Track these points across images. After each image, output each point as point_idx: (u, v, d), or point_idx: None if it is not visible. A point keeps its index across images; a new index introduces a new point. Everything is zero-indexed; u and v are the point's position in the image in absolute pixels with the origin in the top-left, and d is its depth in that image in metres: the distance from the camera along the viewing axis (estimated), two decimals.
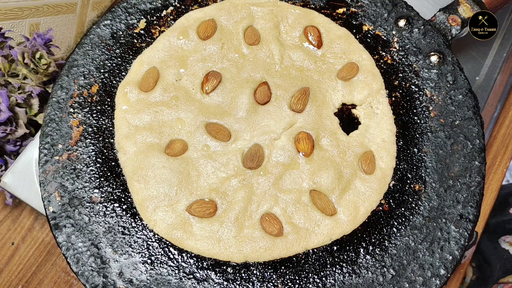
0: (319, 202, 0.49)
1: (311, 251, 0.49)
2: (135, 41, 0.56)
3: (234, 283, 0.47)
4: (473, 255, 0.66)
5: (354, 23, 0.58)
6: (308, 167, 0.51)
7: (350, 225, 0.49)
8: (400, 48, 0.57)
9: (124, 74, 0.54)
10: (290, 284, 0.47)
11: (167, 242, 0.48)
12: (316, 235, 0.49)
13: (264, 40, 0.56)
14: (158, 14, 0.57)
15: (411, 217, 0.50)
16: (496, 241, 0.75)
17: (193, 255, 0.48)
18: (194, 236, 0.48)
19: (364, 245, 0.49)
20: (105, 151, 0.51)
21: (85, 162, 0.50)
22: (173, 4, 0.58)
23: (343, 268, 0.48)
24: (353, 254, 0.49)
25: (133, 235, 0.48)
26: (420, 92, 0.55)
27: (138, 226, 0.49)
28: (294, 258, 0.49)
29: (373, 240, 0.49)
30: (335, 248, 0.49)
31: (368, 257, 0.49)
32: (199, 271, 0.47)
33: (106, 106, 0.53)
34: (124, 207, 0.49)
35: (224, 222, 0.48)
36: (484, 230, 0.67)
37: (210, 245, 0.48)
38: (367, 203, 0.50)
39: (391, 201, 0.51)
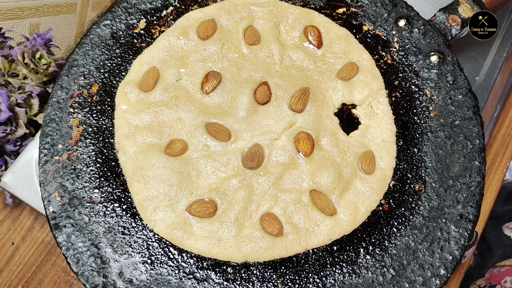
0: (319, 202, 0.49)
1: (311, 251, 0.49)
2: (135, 41, 0.56)
3: (234, 283, 0.47)
4: (478, 243, 0.66)
5: (354, 23, 0.58)
6: (308, 167, 0.51)
7: (350, 225, 0.49)
8: (400, 48, 0.57)
9: (124, 74, 0.54)
10: (290, 284, 0.47)
11: (167, 242, 0.48)
12: (316, 235, 0.49)
13: (264, 40, 0.56)
14: (158, 14, 0.57)
15: (411, 217, 0.50)
16: (500, 228, 0.76)
17: (193, 255, 0.48)
18: (194, 236, 0.48)
19: (364, 245, 0.49)
20: (105, 151, 0.51)
21: (85, 162, 0.50)
22: (173, 4, 0.58)
23: (343, 268, 0.48)
24: (353, 254, 0.49)
25: (133, 235, 0.48)
26: (420, 92, 0.55)
27: (138, 226, 0.49)
28: (294, 258, 0.49)
29: (373, 240, 0.49)
30: (335, 248, 0.49)
31: (368, 257, 0.49)
32: (199, 271, 0.47)
33: (106, 106, 0.53)
34: (124, 207, 0.49)
35: (224, 222, 0.48)
36: (490, 217, 0.67)
37: (210, 245, 0.48)
38: (367, 203, 0.50)
39: (391, 201, 0.51)
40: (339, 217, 0.49)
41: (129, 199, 0.50)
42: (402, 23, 0.57)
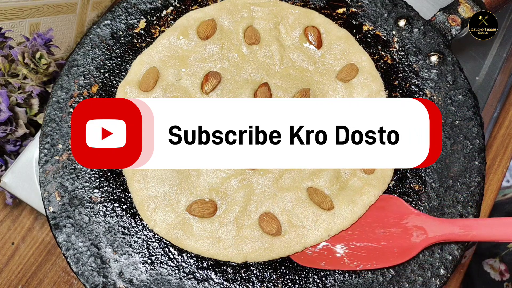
0: (315, 197, 0.49)
1: None
2: (135, 41, 0.56)
3: (234, 283, 0.47)
4: (462, 278, 0.66)
5: (354, 23, 0.58)
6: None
7: (347, 219, 0.49)
8: (400, 48, 0.57)
9: (124, 74, 0.54)
10: (290, 284, 0.47)
11: (167, 242, 0.48)
12: (313, 232, 0.49)
13: (264, 40, 0.56)
14: (158, 14, 0.57)
15: None
16: (481, 264, 0.76)
17: (193, 255, 0.48)
18: (194, 236, 0.48)
19: None
20: None
21: None
22: (173, 4, 0.58)
23: None
24: None
25: (133, 235, 0.48)
26: (420, 92, 0.55)
27: (138, 226, 0.49)
28: None
29: None
30: None
31: None
32: (199, 271, 0.47)
33: None
34: (124, 207, 0.49)
35: (224, 222, 0.48)
36: (475, 252, 0.67)
37: (210, 245, 0.48)
38: (364, 197, 0.50)
39: None
40: (337, 212, 0.49)
41: (129, 199, 0.50)
42: (402, 23, 0.57)
